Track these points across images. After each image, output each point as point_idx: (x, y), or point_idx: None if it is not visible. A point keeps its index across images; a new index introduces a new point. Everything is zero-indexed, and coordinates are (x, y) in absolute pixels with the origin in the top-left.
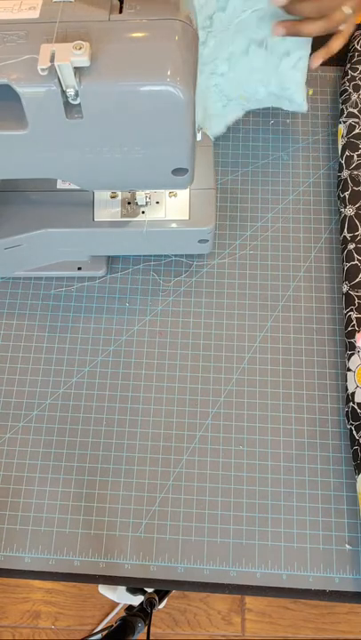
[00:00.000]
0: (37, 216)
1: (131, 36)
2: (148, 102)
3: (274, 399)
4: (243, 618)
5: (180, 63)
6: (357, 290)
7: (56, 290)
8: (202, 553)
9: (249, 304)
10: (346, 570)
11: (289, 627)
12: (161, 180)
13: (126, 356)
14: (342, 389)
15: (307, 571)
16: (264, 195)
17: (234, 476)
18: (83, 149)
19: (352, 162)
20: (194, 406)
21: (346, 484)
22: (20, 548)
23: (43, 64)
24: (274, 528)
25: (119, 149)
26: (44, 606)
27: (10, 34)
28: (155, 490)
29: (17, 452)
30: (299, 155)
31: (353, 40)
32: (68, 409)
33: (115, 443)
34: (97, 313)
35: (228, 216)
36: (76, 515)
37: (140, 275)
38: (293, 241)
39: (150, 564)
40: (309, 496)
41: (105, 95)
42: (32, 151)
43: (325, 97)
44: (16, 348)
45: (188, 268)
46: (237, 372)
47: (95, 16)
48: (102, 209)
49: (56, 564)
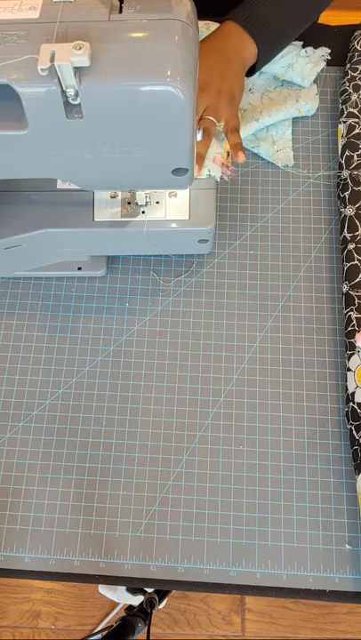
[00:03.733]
0: (37, 216)
1: (131, 35)
2: (148, 102)
3: (274, 399)
4: (243, 618)
5: (180, 63)
6: (357, 290)
7: (56, 290)
8: (202, 553)
9: (249, 304)
10: (346, 570)
11: (289, 627)
12: (161, 180)
13: (126, 356)
14: (342, 389)
15: (307, 571)
16: (264, 195)
17: (234, 476)
18: (83, 149)
19: (352, 162)
20: (194, 406)
21: (346, 484)
22: (20, 548)
23: (43, 64)
24: (274, 528)
25: (119, 149)
26: (44, 606)
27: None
28: (155, 490)
29: (17, 452)
30: (299, 155)
31: (353, 40)
32: (68, 409)
33: (115, 443)
34: (97, 313)
35: (228, 216)
36: (76, 515)
37: (140, 275)
38: (293, 241)
39: (150, 564)
40: (309, 496)
41: (105, 95)
42: (32, 151)
43: (325, 97)
44: (16, 347)
45: (188, 267)
46: (237, 372)
47: (95, 16)
48: (102, 209)
49: (56, 564)
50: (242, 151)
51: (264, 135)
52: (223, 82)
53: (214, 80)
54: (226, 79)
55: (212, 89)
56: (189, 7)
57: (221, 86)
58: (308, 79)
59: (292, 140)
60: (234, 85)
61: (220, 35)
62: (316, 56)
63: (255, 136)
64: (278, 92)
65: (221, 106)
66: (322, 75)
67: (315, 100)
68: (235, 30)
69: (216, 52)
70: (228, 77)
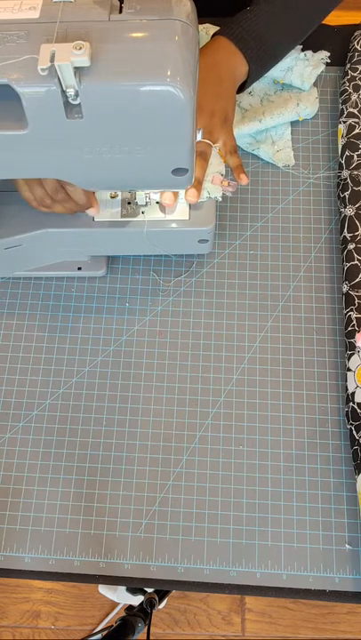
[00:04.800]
0: (37, 216)
1: (131, 36)
2: (148, 102)
3: (274, 399)
4: (243, 618)
5: (180, 63)
6: (357, 290)
7: (56, 290)
8: (202, 553)
9: (249, 304)
10: (346, 570)
11: (289, 627)
12: (161, 180)
13: (126, 356)
14: (342, 389)
15: (307, 571)
16: (264, 195)
17: (234, 476)
18: (83, 149)
19: (352, 162)
20: (194, 406)
21: (346, 484)
22: (20, 548)
23: (43, 64)
24: (274, 528)
25: (119, 149)
26: (44, 606)
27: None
28: (155, 490)
29: (17, 452)
30: (299, 155)
31: (353, 40)
32: (68, 409)
33: (115, 443)
34: (97, 313)
35: (228, 216)
36: (76, 515)
37: (140, 275)
38: (293, 241)
39: (150, 564)
40: (309, 496)
41: (105, 95)
42: (32, 151)
43: (325, 97)
44: (16, 347)
45: (188, 267)
46: (237, 372)
47: (95, 16)
48: (102, 209)
49: (56, 564)
50: (244, 173)
51: (264, 137)
52: (217, 102)
53: (208, 101)
54: (219, 99)
55: (205, 111)
56: (189, 7)
57: (215, 107)
58: (308, 82)
59: (292, 140)
60: (227, 105)
61: (213, 50)
62: (316, 59)
63: (255, 139)
64: (278, 95)
65: (216, 127)
66: (322, 75)
67: (315, 104)
68: (226, 47)
69: (208, 68)
70: (222, 97)
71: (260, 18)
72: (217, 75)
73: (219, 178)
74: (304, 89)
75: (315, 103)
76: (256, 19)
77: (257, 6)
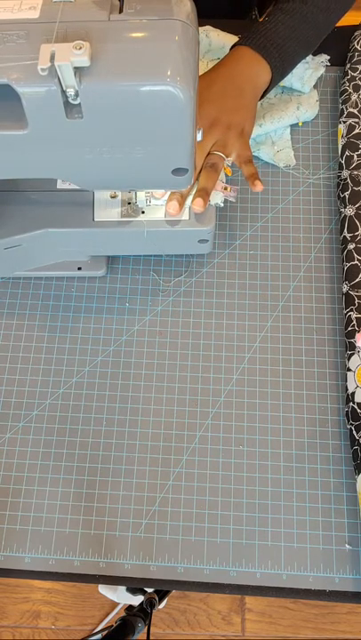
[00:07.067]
0: (37, 216)
1: (131, 36)
2: (148, 102)
3: (274, 399)
4: (243, 618)
5: (180, 63)
6: (357, 290)
7: (56, 290)
8: (202, 553)
9: (249, 304)
10: (346, 570)
11: (289, 627)
12: (161, 180)
13: (126, 356)
14: (342, 389)
15: (307, 571)
16: (264, 195)
17: (234, 476)
18: (83, 149)
19: (352, 162)
20: (194, 406)
21: (346, 484)
22: (20, 548)
23: (43, 64)
24: (274, 528)
25: (119, 149)
26: (44, 606)
27: (10, 34)
28: (155, 490)
29: (17, 452)
30: (299, 155)
31: (353, 40)
32: (68, 409)
33: (115, 443)
34: (97, 313)
35: (228, 216)
36: (76, 515)
37: (140, 275)
38: (293, 241)
39: (150, 564)
40: (309, 496)
41: (105, 95)
42: (32, 151)
43: (325, 97)
44: (16, 347)
45: (188, 267)
46: (237, 372)
47: (95, 16)
48: (102, 209)
49: (56, 564)
50: (259, 180)
51: (263, 139)
52: (234, 116)
53: (225, 113)
54: (237, 113)
55: (222, 124)
56: (189, 7)
57: (232, 120)
58: (308, 85)
59: (291, 141)
60: (246, 118)
61: (234, 61)
62: (316, 62)
63: (255, 140)
64: (279, 97)
65: (230, 140)
66: (322, 75)
67: (315, 107)
68: (249, 56)
69: (228, 79)
70: (241, 111)
71: (279, 28)
72: (237, 86)
73: (220, 185)
74: (304, 92)
75: (315, 106)
76: (276, 29)
77: (274, 17)
